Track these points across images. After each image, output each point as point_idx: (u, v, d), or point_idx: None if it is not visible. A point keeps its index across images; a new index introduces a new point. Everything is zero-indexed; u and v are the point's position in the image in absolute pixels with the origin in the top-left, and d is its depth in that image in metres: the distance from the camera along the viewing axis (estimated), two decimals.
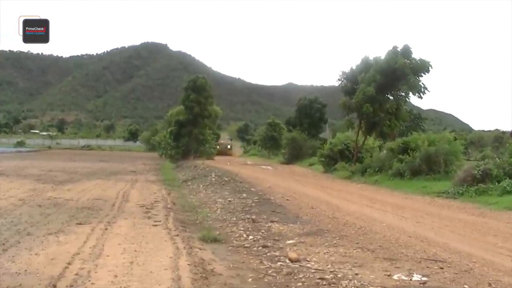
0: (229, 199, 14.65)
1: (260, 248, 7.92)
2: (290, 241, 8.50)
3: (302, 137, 46.36)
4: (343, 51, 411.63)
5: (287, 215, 11.75)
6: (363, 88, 26.76)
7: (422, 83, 26.72)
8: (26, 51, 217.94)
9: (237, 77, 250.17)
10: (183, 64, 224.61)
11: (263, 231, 9.48)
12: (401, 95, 27.79)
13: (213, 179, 21.32)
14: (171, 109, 58.87)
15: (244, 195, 15.68)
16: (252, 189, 17.77)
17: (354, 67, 29.13)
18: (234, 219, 10.96)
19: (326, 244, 8.28)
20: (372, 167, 25.05)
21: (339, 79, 29.54)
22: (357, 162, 28.16)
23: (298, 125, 54.44)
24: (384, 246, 8.16)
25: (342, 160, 30.18)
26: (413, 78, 26.31)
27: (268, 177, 25.28)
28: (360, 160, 28.50)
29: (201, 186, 19.36)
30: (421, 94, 26.78)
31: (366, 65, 28.12)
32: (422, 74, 26.64)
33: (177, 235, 8.59)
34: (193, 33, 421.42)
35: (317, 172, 32.06)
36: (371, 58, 28.53)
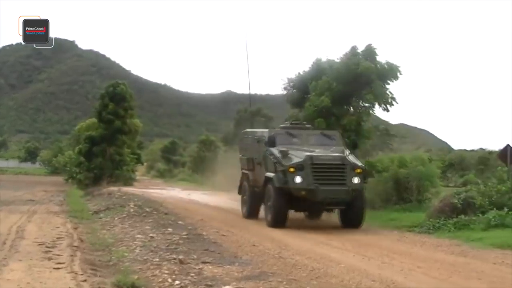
0: (151, 235, 14.52)
1: None
2: (227, 287, 8.55)
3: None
4: (293, 53, 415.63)
5: (223, 254, 11.75)
6: (314, 99, 26.58)
7: (390, 91, 26.52)
8: None
9: (162, 83, 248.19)
10: (95, 66, 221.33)
11: (193, 274, 9.45)
12: (364, 107, 27.47)
13: (132, 209, 21.04)
14: (81, 122, 58.06)
15: (170, 229, 15.58)
16: (180, 222, 17.67)
17: (302, 73, 28.88)
18: (157, 259, 10.88)
19: None
20: None
21: (284, 88, 29.51)
22: None
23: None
24: None
25: None
26: (379, 86, 26.01)
27: (200, 207, 25.25)
28: None
29: (116, 218, 19.08)
30: (388, 106, 26.57)
31: (318, 70, 27.51)
32: (389, 81, 26.47)
33: (85, 281, 8.47)
34: (108, 28, 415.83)
35: None
36: (324, 60, 27.99)
